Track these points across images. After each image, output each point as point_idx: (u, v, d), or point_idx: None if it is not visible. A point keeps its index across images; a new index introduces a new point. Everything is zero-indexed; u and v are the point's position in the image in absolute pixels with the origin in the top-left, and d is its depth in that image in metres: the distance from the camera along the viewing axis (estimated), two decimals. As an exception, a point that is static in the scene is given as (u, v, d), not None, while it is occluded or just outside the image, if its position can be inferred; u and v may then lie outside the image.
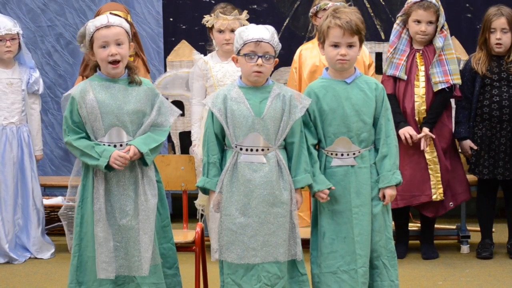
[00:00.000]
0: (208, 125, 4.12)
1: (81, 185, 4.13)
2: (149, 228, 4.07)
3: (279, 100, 4.09)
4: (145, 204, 4.07)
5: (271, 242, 4.06)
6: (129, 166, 4.07)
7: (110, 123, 4.06)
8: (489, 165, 5.69)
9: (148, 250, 4.06)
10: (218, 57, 5.73)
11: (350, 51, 4.12)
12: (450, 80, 5.60)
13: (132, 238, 4.06)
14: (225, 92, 4.12)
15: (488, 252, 5.77)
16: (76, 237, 4.13)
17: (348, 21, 4.09)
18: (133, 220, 4.06)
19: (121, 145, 4.07)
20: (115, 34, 4.06)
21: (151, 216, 4.08)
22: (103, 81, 4.10)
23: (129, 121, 4.08)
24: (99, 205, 4.03)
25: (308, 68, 5.83)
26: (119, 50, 4.05)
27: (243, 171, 4.05)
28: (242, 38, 4.07)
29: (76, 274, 4.13)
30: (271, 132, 4.07)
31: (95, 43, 4.07)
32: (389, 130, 4.19)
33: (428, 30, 5.61)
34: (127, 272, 4.08)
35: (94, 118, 4.05)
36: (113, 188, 4.07)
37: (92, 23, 4.09)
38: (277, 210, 4.06)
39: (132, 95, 4.10)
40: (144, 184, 4.09)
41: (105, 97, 4.06)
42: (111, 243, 4.05)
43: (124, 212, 4.06)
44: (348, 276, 4.12)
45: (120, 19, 4.14)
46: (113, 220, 4.06)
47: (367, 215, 4.14)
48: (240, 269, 4.06)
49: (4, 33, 5.79)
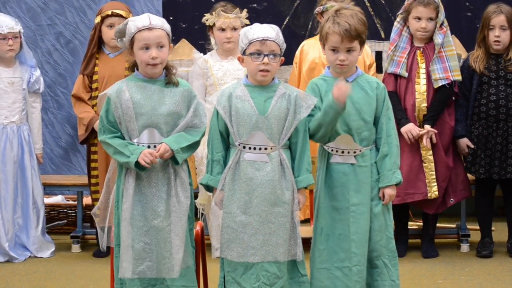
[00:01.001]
0: (213, 122, 4.12)
1: (116, 186, 4.11)
2: (181, 230, 4.04)
3: (284, 99, 4.09)
4: (177, 205, 4.03)
5: (271, 242, 4.06)
6: (162, 166, 4.04)
7: (144, 124, 4.03)
8: (485, 164, 5.68)
9: (179, 252, 4.03)
10: (218, 55, 5.73)
11: (350, 56, 4.12)
12: (450, 76, 5.61)
13: (163, 240, 4.02)
14: (230, 90, 4.12)
15: (488, 251, 5.77)
16: (116, 237, 4.10)
17: (347, 28, 4.07)
18: (165, 221, 4.02)
19: (155, 146, 4.03)
20: (157, 37, 4.01)
21: (183, 217, 4.06)
22: (139, 81, 4.07)
23: (164, 123, 4.04)
24: (127, 204, 4.00)
25: (307, 64, 5.83)
26: (159, 53, 4.01)
27: (246, 170, 4.05)
28: (247, 38, 4.07)
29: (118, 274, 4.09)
30: (274, 131, 4.07)
31: (136, 44, 4.02)
32: (390, 130, 4.19)
33: (429, 26, 5.62)
34: (154, 274, 4.04)
35: (129, 118, 4.02)
36: (145, 189, 4.03)
37: (134, 23, 4.03)
38: (278, 210, 4.06)
39: (168, 96, 4.06)
40: (177, 186, 4.05)
41: (140, 98, 4.03)
42: (138, 244, 4.02)
43: (155, 213, 4.02)
44: (341, 273, 4.12)
45: (161, 20, 4.08)
46: (144, 221, 4.02)
47: (365, 214, 4.14)
48: (239, 267, 4.06)
49: (6, 31, 5.80)
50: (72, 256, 5.97)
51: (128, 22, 4.08)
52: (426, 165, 5.63)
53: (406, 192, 5.60)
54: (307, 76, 5.75)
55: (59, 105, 6.92)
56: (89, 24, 6.75)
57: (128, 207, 4.00)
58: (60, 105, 6.92)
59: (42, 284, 5.28)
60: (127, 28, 4.06)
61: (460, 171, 5.75)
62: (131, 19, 4.09)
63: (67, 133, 6.94)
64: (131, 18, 4.12)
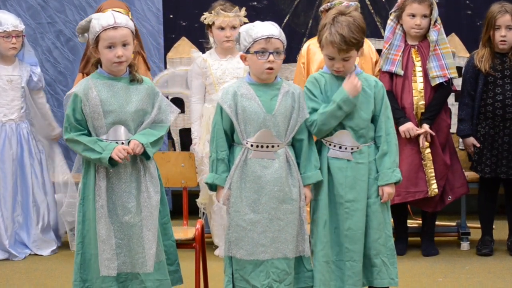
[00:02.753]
0: (217, 121, 4.12)
1: (81, 183, 4.13)
2: (152, 225, 4.08)
3: (288, 97, 4.11)
4: (148, 200, 4.07)
5: (281, 239, 4.08)
6: (131, 163, 4.07)
7: (112, 121, 4.06)
8: (492, 163, 5.68)
9: (152, 247, 4.07)
10: (217, 54, 5.73)
11: (346, 63, 4.14)
12: (447, 74, 5.61)
13: (135, 235, 4.06)
14: (234, 88, 4.12)
15: (488, 249, 5.77)
16: (78, 235, 4.13)
17: (343, 40, 4.06)
18: (136, 217, 4.06)
19: (123, 143, 4.06)
20: (122, 36, 4.04)
21: (154, 212, 4.09)
22: (105, 79, 4.09)
23: (131, 120, 4.08)
24: (101, 202, 4.03)
25: (317, 63, 5.81)
26: (124, 51, 4.04)
27: (254, 168, 4.07)
28: (251, 36, 4.07)
29: (80, 271, 4.13)
30: (281, 129, 4.08)
31: (101, 43, 4.05)
32: (389, 128, 4.19)
33: (423, 23, 5.62)
34: (130, 269, 4.08)
35: (97, 116, 4.05)
36: (115, 185, 4.07)
37: (98, 22, 4.05)
38: (286, 207, 4.08)
39: (134, 94, 4.10)
40: (147, 181, 4.09)
41: (107, 96, 4.06)
42: (113, 240, 4.05)
43: (126, 209, 4.06)
44: (335, 267, 4.15)
45: (126, 18, 4.11)
46: (115, 217, 4.06)
47: (360, 211, 4.15)
48: (248, 265, 4.07)
49: (11, 29, 5.82)
50: (72, 254, 5.93)
51: (91, 20, 4.09)
52: (425, 163, 5.64)
53: (407, 191, 5.60)
54: (317, 76, 5.74)
55: (59, 103, 6.92)
56: (89, 23, 6.73)
57: (104, 204, 4.03)
58: (60, 103, 6.92)
59: (42, 282, 5.28)
60: (91, 26, 4.08)
61: (457, 168, 5.75)
62: (95, 17, 4.10)
63: (67, 132, 6.93)
64: (94, 15, 4.13)
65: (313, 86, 4.19)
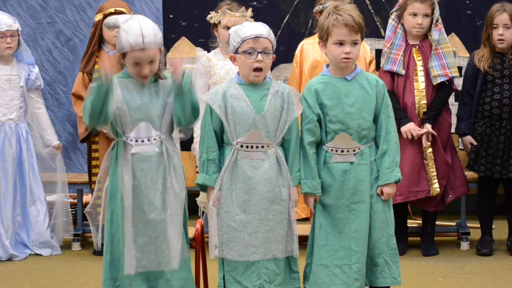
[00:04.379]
0: (207, 121, 4.12)
1: (108, 182, 4.11)
2: (178, 222, 4.06)
3: (278, 97, 4.10)
4: (174, 197, 4.05)
5: (271, 239, 4.07)
6: (157, 159, 4.05)
7: (137, 118, 4.04)
8: (487, 162, 5.69)
9: (178, 244, 4.05)
10: (222, 54, 5.72)
11: (354, 49, 4.12)
12: (449, 73, 5.62)
13: (161, 232, 4.04)
14: (223, 89, 4.12)
15: (488, 249, 5.77)
16: (107, 233, 4.11)
17: (352, 19, 4.09)
18: (162, 214, 4.04)
19: (149, 140, 4.05)
20: (149, 57, 3.97)
21: (180, 209, 4.07)
22: (130, 78, 4.06)
23: (157, 116, 4.06)
24: (128, 201, 4.01)
25: (309, 63, 5.83)
26: (151, 67, 4.00)
27: (244, 168, 4.06)
28: (239, 36, 4.07)
29: (110, 271, 4.10)
30: (271, 129, 4.08)
31: (128, 59, 3.98)
32: (390, 127, 4.19)
33: (425, 23, 5.62)
34: (156, 267, 4.05)
35: (122, 113, 4.02)
36: (141, 183, 4.03)
37: (126, 38, 3.94)
38: (276, 207, 4.08)
39: (160, 91, 4.06)
40: (172, 178, 4.06)
41: (132, 93, 4.03)
42: (140, 238, 4.03)
43: (153, 206, 4.03)
44: (340, 271, 4.13)
45: (154, 34, 3.98)
46: (142, 215, 4.03)
47: (365, 212, 4.15)
48: (240, 266, 4.07)
49: (4, 29, 5.80)
50: (72, 254, 5.97)
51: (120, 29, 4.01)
52: (427, 162, 5.64)
53: (409, 190, 5.60)
54: (309, 75, 5.75)
55: (59, 103, 6.92)
56: (89, 22, 6.74)
57: (129, 203, 4.01)
58: (60, 103, 6.92)
59: (42, 282, 5.28)
60: (119, 37, 4.00)
61: (457, 167, 5.76)
62: (124, 28, 3.99)
63: (67, 131, 6.93)
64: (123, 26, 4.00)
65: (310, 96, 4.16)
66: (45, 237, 5.92)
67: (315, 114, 4.14)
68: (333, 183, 4.16)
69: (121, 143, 4.07)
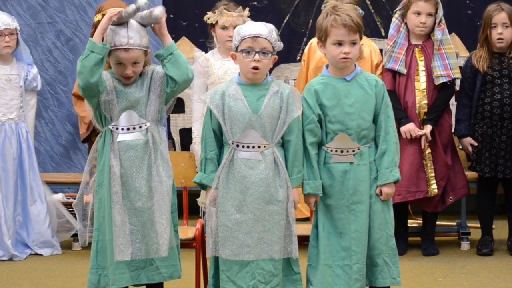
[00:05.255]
0: (206, 121, 4.14)
1: (97, 171, 4.15)
2: (165, 209, 4.09)
3: (277, 97, 4.09)
4: (160, 185, 4.08)
5: (266, 240, 4.06)
6: (143, 147, 4.09)
7: (123, 107, 4.09)
8: (490, 163, 5.68)
9: (166, 231, 4.08)
10: (219, 54, 5.73)
11: (353, 49, 4.12)
12: (451, 74, 5.62)
13: (148, 220, 4.08)
14: (223, 88, 4.13)
15: (489, 249, 5.77)
16: (95, 221, 4.15)
17: (350, 19, 4.10)
18: (148, 202, 4.08)
19: (134, 128, 4.09)
20: (132, 58, 4.05)
21: (167, 197, 4.11)
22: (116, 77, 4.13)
23: (142, 104, 4.11)
24: (116, 188, 4.05)
25: (315, 62, 5.84)
26: (134, 69, 4.07)
27: (239, 168, 4.06)
28: (239, 35, 4.09)
29: (97, 259, 4.15)
30: (268, 129, 4.07)
31: (112, 58, 4.06)
32: (389, 127, 4.18)
33: (428, 22, 5.63)
34: (144, 256, 4.09)
35: (111, 100, 4.07)
36: (128, 171, 4.08)
37: (112, 37, 4.03)
38: (272, 208, 4.07)
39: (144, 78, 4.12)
40: (158, 165, 4.10)
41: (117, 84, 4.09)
42: (127, 226, 4.06)
43: (139, 194, 4.07)
44: (342, 272, 4.13)
45: (140, 34, 4.07)
46: (129, 204, 4.08)
47: (365, 212, 4.14)
48: (234, 266, 4.07)
49: (3, 27, 5.80)
50: (73, 254, 5.97)
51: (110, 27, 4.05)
52: (426, 163, 5.64)
53: (408, 190, 5.60)
54: (313, 74, 5.76)
55: (60, 103, 6.92)
56: (89, 22, 6.75)
57: (118, 190, 4.05)
58: (60, 103, 6.93)
59: (42, 282, 5.28)
60: (107, 34, 4.05)
61: (458, 169, 5.75)
62: (112, 28, 4.05)
63: (67, 131, 6.94)
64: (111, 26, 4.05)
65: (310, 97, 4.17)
66: (46, 236, 5.92)
67: (315, 114, 4.14)
68: (333, 184, 4.16)
69: (108, 131, 4.12)
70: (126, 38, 4.04)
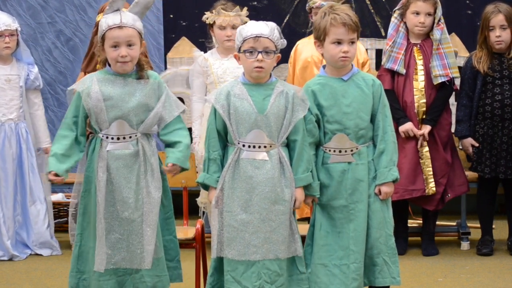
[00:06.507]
0: (211, 121, 4.12)
1: (84, 176, 4.14)
2: (152, 221, 4.08)
3: (282, 97, 4.09)
4: (148, 196, 4.08)
5: (272, 239, 4.06)
6: (132, 158, 4.08)
7: (114, 116, 4.07)
8: (491, 163, 5.68)
9: (151, 243, 4.08)
10: (218, 54, 5.73)
11: (351, 48, 4.13)
12: (449, 73, 5.63)
13: (134, 231, 4.07)
14: (228, 88, 4.12)
15: (488, 249, 5.77)
16: (78, 226, 4.15)
17: (349, 18, 4.10)
18: (135, 213, 4.07)
19: (124, 138, 4.07)
20: (127, 36, 4.04)
21: (155, 209, 4.10)
22: (110, 75, 4.11)
23: (133, 114, 4.08)
24: (101, 197, 4.04)
25: (300, 63, 5.87)
26: (129, 51, 4.05)
27: (245, 168, 4.06)
28: (241, 35, 4.08)
29: (78, 263, 4.15)
30: (273, 129, 4.07)
31: (106, 42, 4.06)
32: (387, 126, 4.19)
33: (427, 22, 5.63)
34: (128, 265, 4.10)
35: (99, 110, 4.06)
36: (115, 180, 4.07)
37: (105, 21, 4.06)
38: (278, 208, 4.07)
39: (138, 89, 4.10)
40: (147, 177, 4.10)
41: (110, 90, 4.07)
42: (112, 235, 4.06)
43: (126, 205, 4.07)
44: (339, 271, 4.13)
45: (133, 18, 4.10)
46: (115, 213, 4.07)
47: (363, 211, 4.15)
48: (240, 266, 4.07)
49: (3, 28, 5.79)
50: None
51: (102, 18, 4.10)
52: (423, 162, 5.65)
53: (405, 189, 5.61)
54: (300, 75, 5.80)
55: (59, 103, 6.93)
56: (89, 22, 6.75)
57: (102, 199, 4.04)
58: (60, 103, 6.93)
59: (42, 282, 5.28)
60: (100, 24, 4.09)
61: (457, 166, 5.76)
62: (105, 16, 4.10)
63: (67, 131, 6.93)
64: (105, 14, 4.12)
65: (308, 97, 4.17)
66: (45, 237, 5.92)
67: (313, 115, 4.14)
68: (331, 184, 4.16)
69: (98, 139, 4.11)
70: (119, 18, 4.05)
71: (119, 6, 4.09)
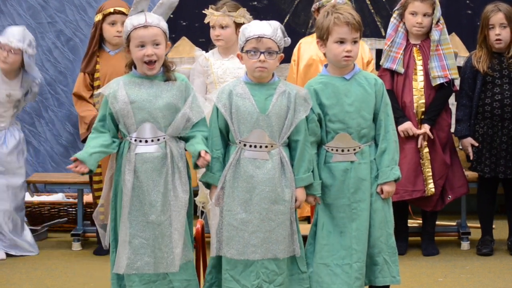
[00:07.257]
0: (213, 120, 4.13)
1: (114, 181, 4.13)
2: (179, 224, 4.05)
3: (284, 97, 4.09)
4: (175, 199, 4.04)
5: (271, 239, 4.06)
6: (160, 160, 4.05)
7: (141, 119, 4.05)
8: (491, 163, 5.69)
9: (178, 246, 4.04)
10: (219, 53, 5.73)
11: (354, 47, 4.14)
12: (448, 75, 5.63)
13: (161, 234, 4.03)
14: (230, 87, 4.12)
15: (489, 249, 5.77)
16: (112, 232, 4.12)
17: (352, 17, 4.11)
18: (162, 216, 4.03)
19: (152, 140, 4.05)
20: (153, 35, 4.03)
21: (182, 211, 4.07)
22: (136, 78, 4.09)
23: (161, 116, 4.06)
24: (126, 199, 4.02)
25: (304, 62, 5.87)
26: (155, 50, 4.03)
27: (246, 167, 4.06)
28: (244, 35, 4.08)
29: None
30: (275, 129, 4.07)
31: (132, 42, 4.04)
32: (389, 126, 4.19)
33: (425, 22, 5.64)
34: (152, 270, 4.04)
35: (126, 113, 4.03)
36: (143, 184, 4.03)
37: (130, 21, 4.05)
38: (278, 208, 4.07)
39: (165, 90, 4.07)
40: (175, 179, 4.06)
41: (137, 93, 4.05)
42: (136, 240, 4.03)
43: (153, 208, 4.02)
44: (341, 271, 4.13)
45: (158, 18, 4.09)
46: (142, 217, 4.03)
47: (366, 211, 4.15)
48: (239, 265, 4.07)
49: (3, 42, 5.70)
50: (73, 254, 5.97)
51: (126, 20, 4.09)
52: (423, 162, 5.65)
53: (405, 189, 5.61)
54: (303, 73, 5.80)
55: (60, 103, 6.93)
56: (90, 22, 6.75)
57: (127, 202, 4.01)
58: (60, 103, 6.93)
59: (42, 282, 5.28)
60: (124, 26, 4.08)
61: (457, 168, 5.76)
62: (129, 17, 4.09)
63: (67, 131, 6.94)
64: (129, 15, 4.12)
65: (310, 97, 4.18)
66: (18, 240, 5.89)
67: (315, 114, 4.14)
68: (334, 183, 4.16)
69: (126, 142, 4.08)
70: (144, 17, 4.04)
71: (143, 7, 4.08)
